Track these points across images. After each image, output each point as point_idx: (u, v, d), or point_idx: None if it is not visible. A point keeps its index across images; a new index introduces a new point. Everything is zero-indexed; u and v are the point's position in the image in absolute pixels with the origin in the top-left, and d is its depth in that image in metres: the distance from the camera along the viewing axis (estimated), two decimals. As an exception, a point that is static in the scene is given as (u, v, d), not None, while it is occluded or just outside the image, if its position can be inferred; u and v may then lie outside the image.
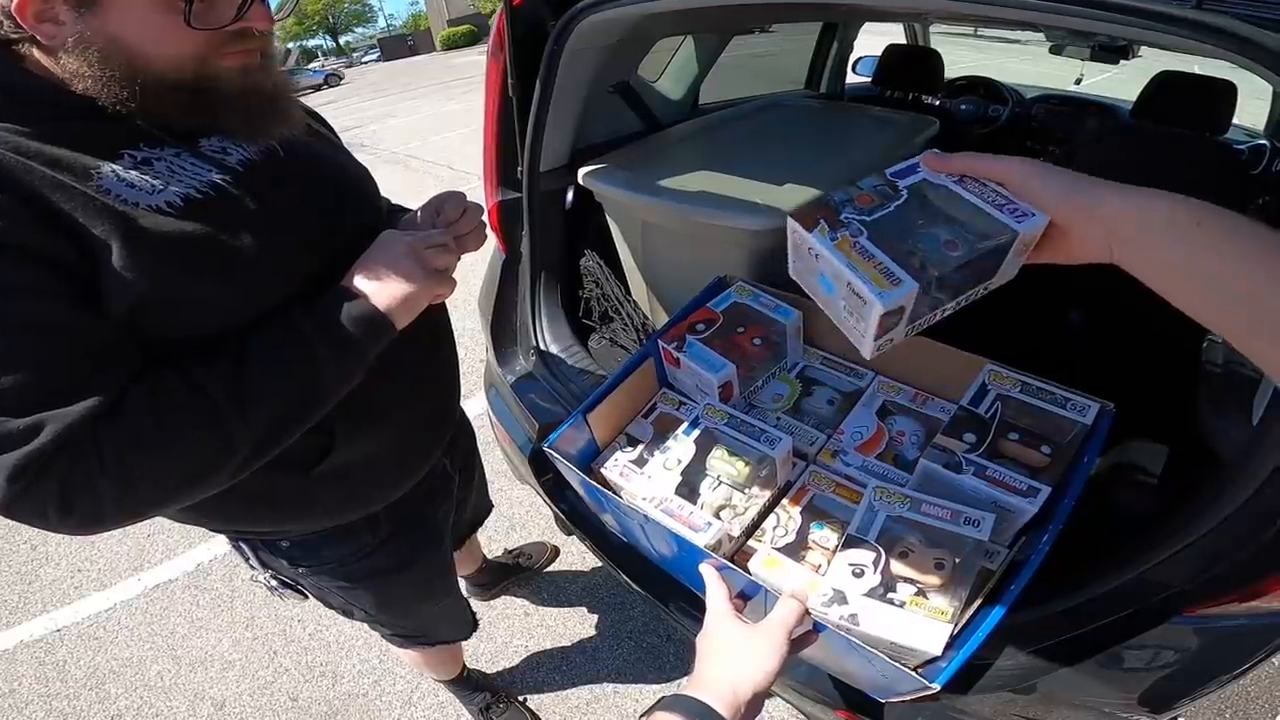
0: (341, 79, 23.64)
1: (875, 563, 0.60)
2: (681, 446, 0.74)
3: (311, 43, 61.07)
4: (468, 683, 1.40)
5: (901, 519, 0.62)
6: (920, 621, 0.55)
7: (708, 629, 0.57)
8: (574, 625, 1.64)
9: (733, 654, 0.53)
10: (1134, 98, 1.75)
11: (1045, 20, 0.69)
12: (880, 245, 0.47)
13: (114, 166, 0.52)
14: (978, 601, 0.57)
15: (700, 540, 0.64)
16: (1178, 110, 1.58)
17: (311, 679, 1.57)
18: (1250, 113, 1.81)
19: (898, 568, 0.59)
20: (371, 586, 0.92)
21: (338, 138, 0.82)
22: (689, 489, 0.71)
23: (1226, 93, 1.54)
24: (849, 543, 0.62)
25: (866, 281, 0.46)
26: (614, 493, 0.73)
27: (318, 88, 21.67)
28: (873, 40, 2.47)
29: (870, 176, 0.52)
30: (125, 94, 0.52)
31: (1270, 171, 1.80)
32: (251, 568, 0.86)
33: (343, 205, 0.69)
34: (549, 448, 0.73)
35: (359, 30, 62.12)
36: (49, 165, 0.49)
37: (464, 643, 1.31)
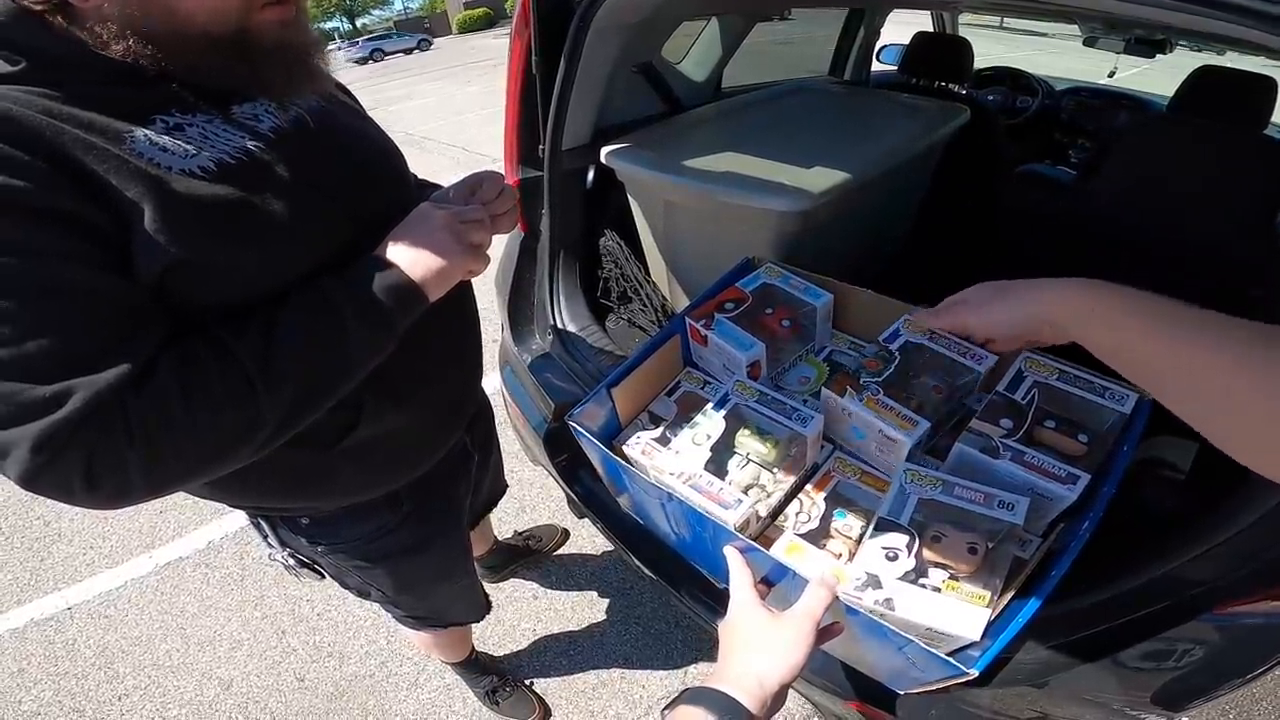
0: (431, 43, 25.71)
1: (909, 546, 0.59)
2: (711, 423, 0.73)
3: (328, 25, 61.05)
4: (475, 665, 1.40)
5: (933, 502, 0.61)
6: (958, 606, 0.54)
7: (732, 617, 0.56)
8: (582, 609, 1.64)
9: (759, 646, 0.52)
10: (1163, 93, 1.71)
11: (1115, 10, 0.65)
12: (893, 398, 0.68)
13: (146, 131, 0.51)
14: (1013, 590, 0.56)
15: (729, 518, 0.62)
16: (1217, 105, 1.54)
17: (319, 659, 1.58)
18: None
19: (930, 552, 0.58)
20: (390, 566, 0.91)
21: (363, 109, 0.81)
22: (717, 466, 0.70)
23: (1268, 88, 1.50)
24: (880, 526, 0.61)
25: (894, 427, 0.66)
26: (636, 470, 0.72)
27: (409, 51, 23.93)
28: (897, 30, 2.43)
29: (870, 345, 0.76)
30: (165, 51, 0.51)
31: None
32: (270, 546, 0.85)
33: (372, 176, 0.68)
34: (572, 420, 0.72)
35: (375, 13, 62.03)
36: (81, 128, 0.48)
37: (473, 625, 1.31)
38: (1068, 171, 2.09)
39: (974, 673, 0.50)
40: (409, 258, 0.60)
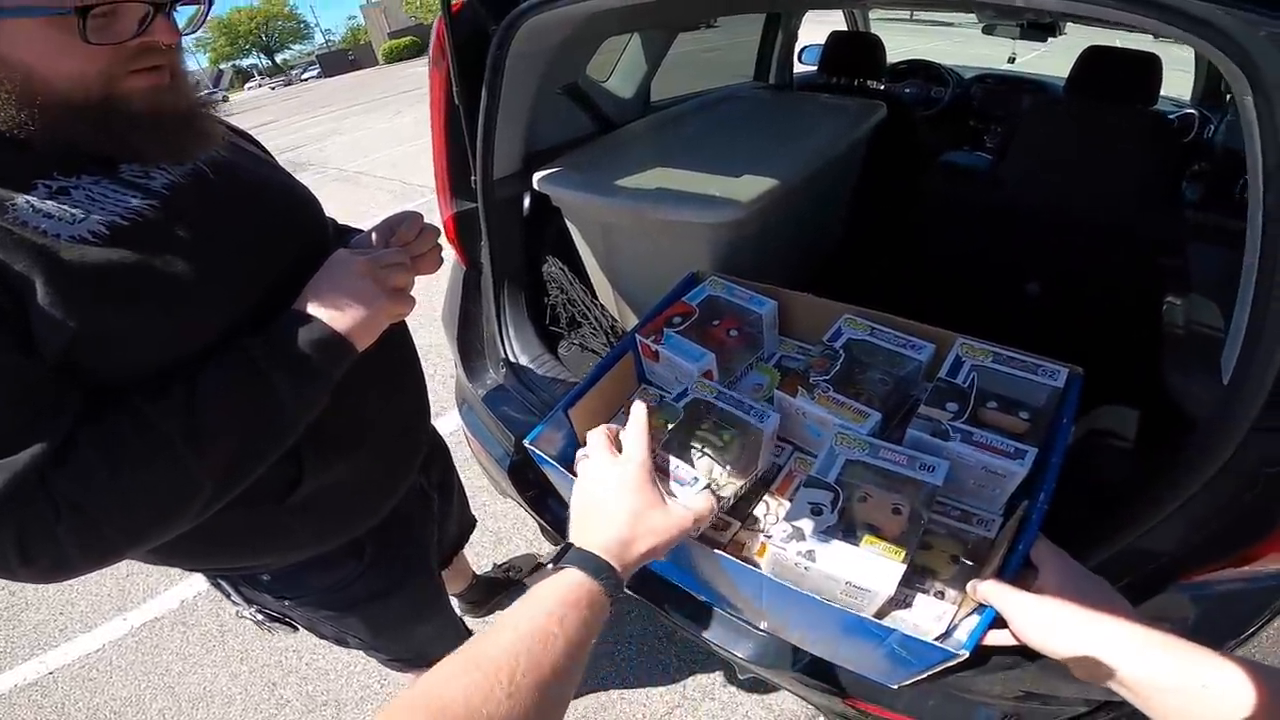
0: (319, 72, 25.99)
1: (833, 502, 0.60)
2: (669, 413, 0.72)
3: (246, 62, 59.36)
4: (470, 700, 1.36)
5: (860, 463, 0.63)
6: (874, 560, 0.55)
7: (630, 479, 0.54)
8: (570, 635, 1.62)
9: (643, 522, 0.52)
10: (1063, 73, 1.81)
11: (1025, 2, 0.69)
12: (842, 393, 0.71)
13: (27, 198, 0.48)
14: (989, 571, 0.57)
15: (686, 496, 0.61)
16: (1109, 83, 1.63)
17: (314, 709, 1.54)
18: (1169, 84, 1.88)
19: (855, 510, 0.60)
20: (362, 613, 0.90)
21: (271, 157, 0.79)
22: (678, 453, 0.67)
23: (1152, 65, 1.60)
24: (809, 483, 0.63)
25: (846, 422, 0.68)
26: None
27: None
28: (816, 30, 2.51)
29: (815, 345, 0.79)
30: (23, 117, 0.48)
31: (1201, 139, 1.89)
32: (234, 603, 0.84)
33: (285, 226, 0.66)
34: (529, 443, 0.71)
35: (296, 47, 60.63)
36: None
37: None
38: (984, 157, 2.19)
39: (965, 653, 0.51)
40: (330, 308, 0.59)
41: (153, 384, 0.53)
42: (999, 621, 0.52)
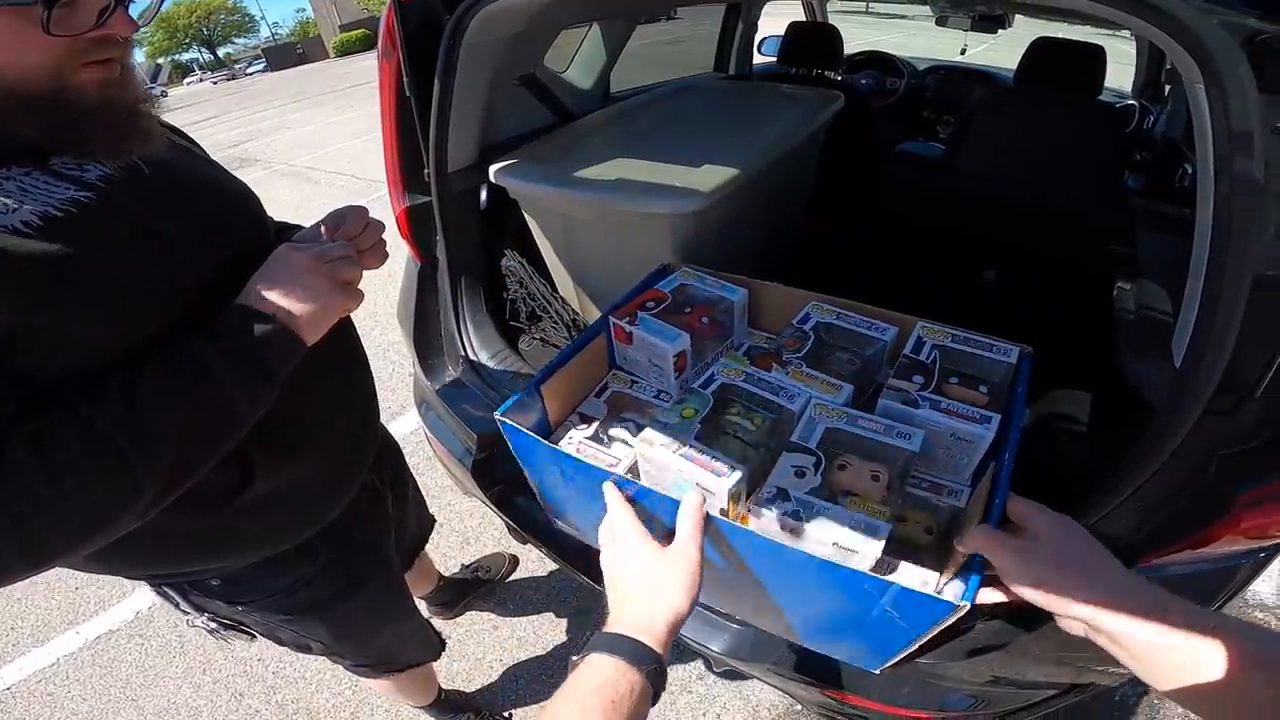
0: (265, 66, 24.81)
1: (815, 466, 0.61)
2: (698, 400, 0.72)
3: (185, 56, 56.75)
4: (447, 705, 1.36)
5: (838, 431, 0.64)
6: (860, 520, 0.56)
7: (619, 557, 0.56)
8: (545, 632, 1.61)
9: (654, 585, 0.52)
10: (1012, 64, 1.86)
11: None
12: (814, 369, 0.74)
13: None
14: (975, 522, 0.57)
15: (719, 486, 0.60)
16: (1056, 74, 1.68)
17: (285, 718, 1.50)
18: (1111, 76, 1.95)
19: (835, 477, 0.61)
20: (319, 616, 0.88)
21: (206, 154, 0.76)
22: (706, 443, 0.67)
23: (1096, 55, 1.66)
24: (791, 449, 0.63)
25: (820, 394, 0.71)
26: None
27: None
28: (775, 22, 2.52)
29: (787, 328, 0.81)
30: None
31: (1143, 129, 1.98)
32: (184, 613, 0.81)
33: (223, 222, 0.64)
34: (500, 415, 0.70)
35: (240, 41, 58.21)
36: None
37: (435, 664, 1.27)
38: (938, 146, 2.24)
39: (966, 604, 0.49)
40: (277, 304, 0.58)
41: (92, 382, 0.51)
42: (987, 582, 0.52)
